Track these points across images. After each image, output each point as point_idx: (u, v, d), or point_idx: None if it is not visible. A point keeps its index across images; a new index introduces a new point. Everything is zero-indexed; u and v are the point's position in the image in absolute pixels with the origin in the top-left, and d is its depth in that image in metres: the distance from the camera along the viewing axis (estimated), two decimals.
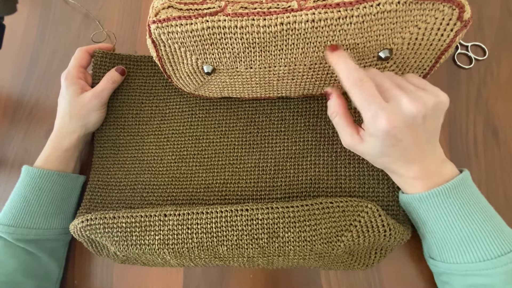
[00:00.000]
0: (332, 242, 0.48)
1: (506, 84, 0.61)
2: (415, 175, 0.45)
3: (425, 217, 0.47)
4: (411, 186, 0.47)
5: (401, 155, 0.44)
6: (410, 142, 0.42)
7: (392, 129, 0.40)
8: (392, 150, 0.43)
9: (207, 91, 0.59)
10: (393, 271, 0.55)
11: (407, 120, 0.41)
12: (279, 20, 0.42)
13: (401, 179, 0.48)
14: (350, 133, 0.47)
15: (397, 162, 0.45)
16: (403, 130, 0.41)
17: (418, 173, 0.45)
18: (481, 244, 0.42)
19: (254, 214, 0.49)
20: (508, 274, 0.41)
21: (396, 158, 0.45)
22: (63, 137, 0.60)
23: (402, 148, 0.43)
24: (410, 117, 0.40)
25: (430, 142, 0.45)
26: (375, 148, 0.44)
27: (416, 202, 0.46)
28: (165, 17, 0.46)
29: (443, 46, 0.46)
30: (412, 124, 0.41)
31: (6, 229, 0.55)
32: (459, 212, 0.44)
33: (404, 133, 0.41)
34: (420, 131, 0.42)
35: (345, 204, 0.49)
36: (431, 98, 0.42)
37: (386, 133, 0.41)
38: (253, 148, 0.60)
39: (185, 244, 0.50)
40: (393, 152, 0.44)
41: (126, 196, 0.61)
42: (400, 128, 0.41)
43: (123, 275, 0.61)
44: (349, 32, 0.43)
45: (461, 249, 0.44)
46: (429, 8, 0.41)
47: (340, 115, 0.47)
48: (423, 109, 0.41)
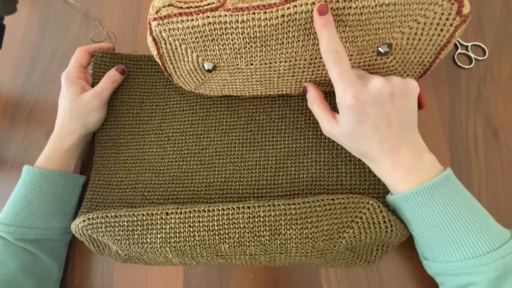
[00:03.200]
0: (334, 239, 0.47)
1: (506, 84, 0.61)
2: (394, 163, 0.45)
3: (411, 217, 0.46)
4: (393, 181, 0.47)
5: (373, 134, 0.45)
6: (379, 118, 0.44)
7: (357, 101, 0.43)
8: (363, 127, 0.45)
9: (208, 89, 0.59)
10: (393, 271, 0.55)
11: (372, 94, 0.44)
12: (280, 13, 0.42)
13: (381, 170, 0.48)
14: (328, 118, 0.50)
15: (372, 145, 0.46)
16: (369, 103, 0.44)
17: (397, 161, 0.45)
18: (469, 242, 0.42)
19: (256, 211, 0.49)
20: (499, 270, 0.40)
21: (369, 137, 0.45)
22: (64, 137, 0.60)
23: (372, 125, 0.44)
24: (376, 90, 0.44)
25: (405, 126, 0.46)
26: (347, 125, 0.46)
27: (401, 202, 0.46)
28: (166, 14, 0.46)
29: (443, 41, 0.46)
30: (378, 99, 0.44)
31: (6, 228, 0.54)
32: (445, 210, 0.43)
33: (371, 107, 0.44)
34: (389, 109, 0.44)
35: (347, 200, 0.49)
36: (399, 79, 0.46)
37: (351, 106, 0.44)
38: (254, 146, 0.60)
39: (187, 242, 0.50)
40: (364, 130, 0.45)
41: (127, 195, 0.61)
42: (365, 101, 0.44)
43: (123, 275, 0.61)
44: (348, 23, 0.43)
45: (450, 248, 0.43)
46: (428, 3, 0.41)
47: (318, 103, 0.51)
48: (390, 86, 0.44)
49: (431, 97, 0.61)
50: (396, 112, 0.45)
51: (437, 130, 0.60)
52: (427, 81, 0.62)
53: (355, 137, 0.47)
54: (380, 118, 0.44)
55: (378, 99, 0.44)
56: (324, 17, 0.43)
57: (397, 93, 0.45)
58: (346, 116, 0.46)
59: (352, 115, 0.45)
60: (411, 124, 0.47)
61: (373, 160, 0.48)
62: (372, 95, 0.44)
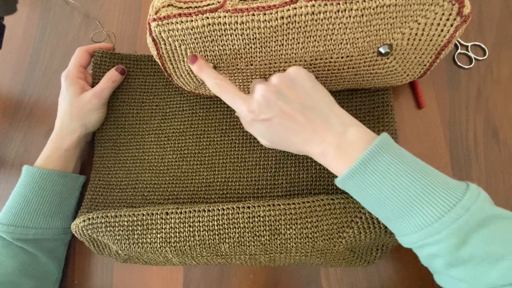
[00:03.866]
0: (333, 239, 0.48)
1: (506, 84, 0.61)
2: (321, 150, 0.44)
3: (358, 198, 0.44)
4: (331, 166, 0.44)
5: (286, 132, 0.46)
6: (280, 117, 0.45)
7: (252, 113, 0.46)
8: (273, 130, 0.46)
9: (208, 89, 0.59)
10: (393, 271, 0.55)
11: (260, 101, 0.45)
12: (279, 14, 0.42)
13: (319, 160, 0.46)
14: None
15: (293, 142, 0.46)
16: (263, 110, 0.45)
17: (321, 145, 0.44)
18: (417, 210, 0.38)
19: (256, 211, 0.49)
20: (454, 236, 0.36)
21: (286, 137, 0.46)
22: (64, 137, 0.60)
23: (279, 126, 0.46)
24: (261, 97, 0.45)
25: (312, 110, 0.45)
26: (265, 136, 0.49)
27: (342, 185, 0.44)
28: (166, 14, 0.46)
29: (443, 41, 0.46)
30: (266, 101, 0.45)
31: (5, 228, 0.54)
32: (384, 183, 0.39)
33: (266, 112, 0.45)
34: (284, 106, 0.45)
35: (346, 200, 0.49)
36: (276, 75, 0.47)
37: (251, 120, 0.47)
38: (254, 146, 0.60)
39: (187, 242, 0.50)
40: (277, 133, 0.47)
41: (127, 195, 0.61)
42: (259, 109, 0.45)
43: (123, 275, 0.61)
44: (349, 26, 0.43)
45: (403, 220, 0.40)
46: (429, 3, 0.41)
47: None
48: (270, 86, 0.45)
49: (431, 97, 0.61)
50: (293, 104, 0.45)
51: (437, 130, 0.60)
52: (427, 81, 0.62)
53: (276, 141, 0.48)
54: (281, 117, 0.45)
55: (268, 103, 0.45)
56: (196, 64, 0.50)
57: (282, 88, 0.45)
58: (255, 130, 0.49)
59: (258, 126, 0.48)
60: (319, 105, 0.45)
61: (308, 153, 0.47)
62: (260, 102, 0.45)
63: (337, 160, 0.43)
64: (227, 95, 0.48)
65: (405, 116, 0.61)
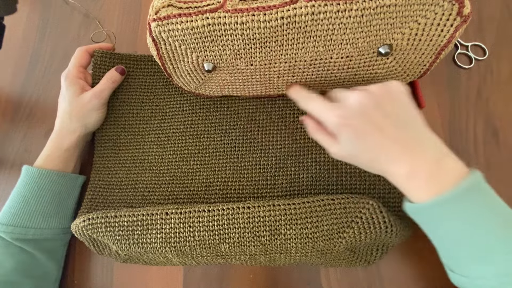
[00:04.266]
0: (334, 239, 0.47)
1: (506, 84, 0.61)
2: (407, 171, 0.41)
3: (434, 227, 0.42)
4: (413, 191, 0.42)
5: (376, 147, 0.42)
6: (370, 128, 0.42)
7: (342, 119, 0.43)
8: (360, 140, 0.43)
9: (208, 89, 0.59)
10: (393, 271, 0.55)
11: (354, 108, 0.43)
12: (279, 14, 0.42)
13: (399, 183, 0.43)
14: (330, 142, 0.47)
15: (381, 158, 0.43)
16: (355, 116, 0.43)
17: (409, 168, 0.41)
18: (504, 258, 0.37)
19: (256, 211, 0.49)
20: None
21: (370, 149, 0.43)
22: (64, 137, 0.60)
23: (369, 137, 0.42)
24: (355, 103, 0.43)
25: (405, 128, 0.42)
26: (349, 145, 0.44)
27: (425, 211, 0.41)
28: (165, 15, 0.46)
29: (443, 41, 0.46)
30: (361, 109, 0.42)
31: (4, 228, 0.55)
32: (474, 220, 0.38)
33: (357, 119, 0.42)
34: (379, 118, 0.42)
35: (347, 200, 0.49)
36: (376, 85, 0.44)
37: (340, 124, 0.43)
38: (254, 146, 0.60)
39: (187, 242, 0.50)
40: (362, 143, 0.43)
41: (127, 195, 0.61)
42: (350, 115, 0.43)
43: (123, 275, 0.61)
44: (349, 26, 0.43)
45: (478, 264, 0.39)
46: (429, 3, 0.41)
47: (317, 129, 0.49)
48: (368, 95, 0.43)
49: (431, 97, 0.61)
50: (390, 118, 0.42)
51: (437, 130, 0.59)
52: (427, 81, 0.62)
53: (358, 153, 0.44)
54: (371, 128, 0.42)
55: (363, 111, 0.42)
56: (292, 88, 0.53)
57: (382, 99, 0.42)
58: (341, 136, 0.44)
59: (346, 132, 0.43)
60: (415, 125, 0.43)
61: (387, 173, 0.44)
62: (354, 109, 0.43)
63: (423, 186, 0.40)
64: (314, 105, 0.47)
65: None
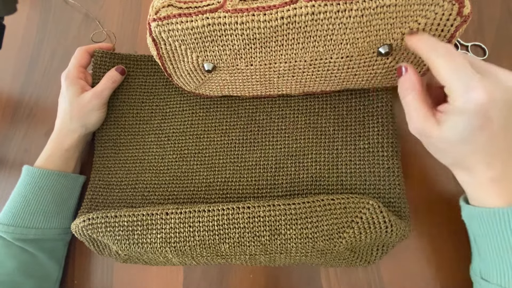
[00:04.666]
0: (334, 239, 0.47)
1: None
2: (494, 175, 0.37)
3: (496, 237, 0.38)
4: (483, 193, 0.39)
5: (485, 144, 0.36)
6: (501, 127, 0.35)
7: (490, 102, 0.34)
8: (478, 134, 0.36)
9: (208, 89, 0.59)
10: (393, 271, 0.55)
11: (508, 95, 0.35)
12: (279, 14, 0.42)
13: (473, 180, 0.40)
14: (424, 114, 0.39)
15: (478, 154, 0.38)
16: (500, 107, 0.35)
17: (499, 173, 0.37)
18: None
19: (256, 211, 0.49)
20: None
21: (478, 147, 0.37)
22: (64, 137, 0.60)
23: (489, 134, 0.36)
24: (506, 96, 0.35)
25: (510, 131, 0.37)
26: (458, 131, 0.37)
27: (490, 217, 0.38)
28: (165, 15, 0.46)
29: (443, 41, 0.46)
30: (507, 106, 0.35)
31: (5, 228, 0.55)
32: None
33: (499, 111, 0.35)
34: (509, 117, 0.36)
35: (347, 200, 0.49)
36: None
37: (480, 107, 0.34)
38: (254, 146, 0.60)
39: (187, 242, 0.50)
40: (477, 138, 0.36)
41: (127, 195, 0.61)
42: (498, 103, 0.34)
43: (123, 275, 0.61)
44: (349, 26, 0.43)
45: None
46: (429, 3, 0.41)
47: (415, 93, 0.41)
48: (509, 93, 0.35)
49: None
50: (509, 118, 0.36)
51: None
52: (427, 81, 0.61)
53: (462, 145, 0.38)
54: (501, 127, 0.36)
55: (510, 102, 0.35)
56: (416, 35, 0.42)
57: None
58: (462, 120, 0.36)
59: (471, 119, 0.35)
60: None
61: (467, 169, 0.40)
62: (506, 97, 0.35)
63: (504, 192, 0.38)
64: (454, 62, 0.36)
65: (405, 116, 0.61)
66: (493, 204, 0.38)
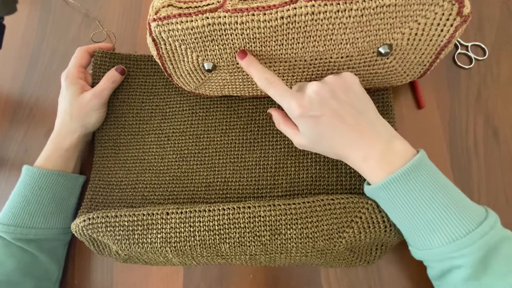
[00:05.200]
0: (334, 239, 0.48)
1: (506, 84, 0.61)
2: (363, 155, 0.45)
3: (389, 206, 0.46)
4: (368, 172, 0.46)
5: (332, 131, 0.46)
6: (331, 116, 0.45)
7: (302, 108, 0.45)
8: (319, 128, 0.46)
9: (208, 89, 0.59)
10: (393, 271, 0.55)
11: (312, 98, 0.45)
12: (279, 14, 0.42)
13: (356, 165, 0.47)
14: (294, 132, 0.51)
15: (336, 142, 0.46)
16: (314, 107, 0.45)
17: (365, 152, 0.45)
18: (448, 225, 0.41)
19: (256, 211, 0.49)
20: (481, 250, 0.39)
21: (331, 137, 0.46)
22: (64, 137, 0.60)
23: (326, 124, 0.45)
24: (314, 94, 0.45)
25: (360, 115, 0.45)
26: (307, 133, 0.48)
27: (378, 192, 0.45)
28: (165, 15, 0.46)
29: (443, 41, 0.46)
30: (319, 99, 0.45)
31: (5, 228, 0.54)
32: (420, 195, 0.42)
33: (317, 109, 0.45)
34: (336, 106, 0.45)
35: (346, 200, 0.49)
36: (331, 76, 0.47)
37: (300, 115, 0.46)
38: (254, 146, 0.60)
39: (187, 242, 0.50)
40: (322, 131, 0.46)
41: (127, 195, 0.61)
42: (310, 106, 0.45)
43: (123, 275, 0.61)
44: (348, 25, 0.43)
45: (430, 234, 0.42)
46: (429, 3, 0.41)
47: (282, 122, 0.53)
48: (326, 86, 0.45)
49: (431, 97, 0.61)
50: (345, 106, 0.45)
51: (437, 130, 0.60)
52: (427, 81, 0.62)
53: (318, 140, 0.48)
54: (332, 116, 0.45)
55: (321, 101, 0.45)
56: (246, 59, 0.49)
57: (337, 89, 0.45)
58: (302, 125, 0.47)
59: (305, 122, 0.46)
60: (368, 112, 0.46)
61: (346, 158, 0.48)
62: (313, 98, 0.45)
63: (377, 167, 0.45)
64: (276, 89, 0.48)
65: (405, 116, 0.61)
66: (374, 180, 0.45)
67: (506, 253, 0.40)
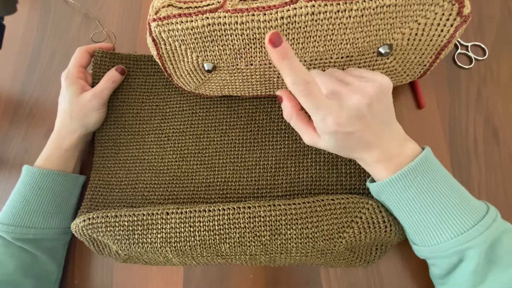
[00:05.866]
0: (334, 239, 0.48)
1: (506, 84, 0.61)
2: (377, 158, 0.45)
3: (395, 203, 0.46)
4: (377, 172, 0.47)
5: (358, 144, 0.45)
6: (362, 131, 0.44)
7: (339, 126, 0.43)
8: (348, 142, 0.45)
9: (208, 89, 0.59)
10: (393, 271, 0.55)
11: (351, 113, 0.42)
12: (279, 15, 0.42)
13: (366, 165, 0.48)
14: (308, 132, 0.48)
15: (357, 150, 0.46)
16: (351, 123, 0.43)
17: (379, 155, 0.45)
18: (454, 219, 0.42)
19: (256, 211, 0.49)
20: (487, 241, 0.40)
21: (354, 147, 0.46)
22: (64, 137, 0.60)
23: (356, 138, 0.44)
24: (353, 109, 0.42)
25: (385, 124, 0.45)
26: (332, 144, 0.46)
27: (385, 188, 0.46)
28: (165, 15, 0.46)
29: (443, 41, 0.46)
30: (358, 115, 0.43)
31: (5, 228, 0.55)
32: (426, 191, 0.43)
33: (353, 125, 0.43)
34: (369, 119, 0.43)
35: (346, 201, 0.49)
36: (370, 85, 0.43)
37: (335, 132, 0.43)
38: (254, 146, 0.60)
39: (188, 242, 0.50)
40: (349, 144, 0.45)
41: (127, 195, 0.61)
42: (347, 123, 0.43)
43: (123, 275, 0.61)
44: (349, 26, 0.43)
45: (437, 229, 0.43)
46: (429, 3, 0.41)
47: (295, 117, 0.49)
48: (365, 99, 0.42)
49: (431, 97, 0.61)
50: (375, 116, 0.44)
51: (437, 130, 0.60)
52: (427, 81, 0.62)
53: (340, 150, 0.47)
54: (363, 131, 0.44)
55: (359, 118, 0.43)
56: (280, 48, 0.37)
57: (374, 101, 0.43)
58: (330, 138, 0.45)
59: (335, 138, 0.44)
60: (390, 119, 0.47)
61: (360, 159, 0.48)
62: (352, 115, 0.42)
63: (387, 169, 0.45)
64: (312, 99, 0.41)
65: (405, 116, 0.61)
66: (383, 177, 0.46)
67: (509, 244, 0.41)
